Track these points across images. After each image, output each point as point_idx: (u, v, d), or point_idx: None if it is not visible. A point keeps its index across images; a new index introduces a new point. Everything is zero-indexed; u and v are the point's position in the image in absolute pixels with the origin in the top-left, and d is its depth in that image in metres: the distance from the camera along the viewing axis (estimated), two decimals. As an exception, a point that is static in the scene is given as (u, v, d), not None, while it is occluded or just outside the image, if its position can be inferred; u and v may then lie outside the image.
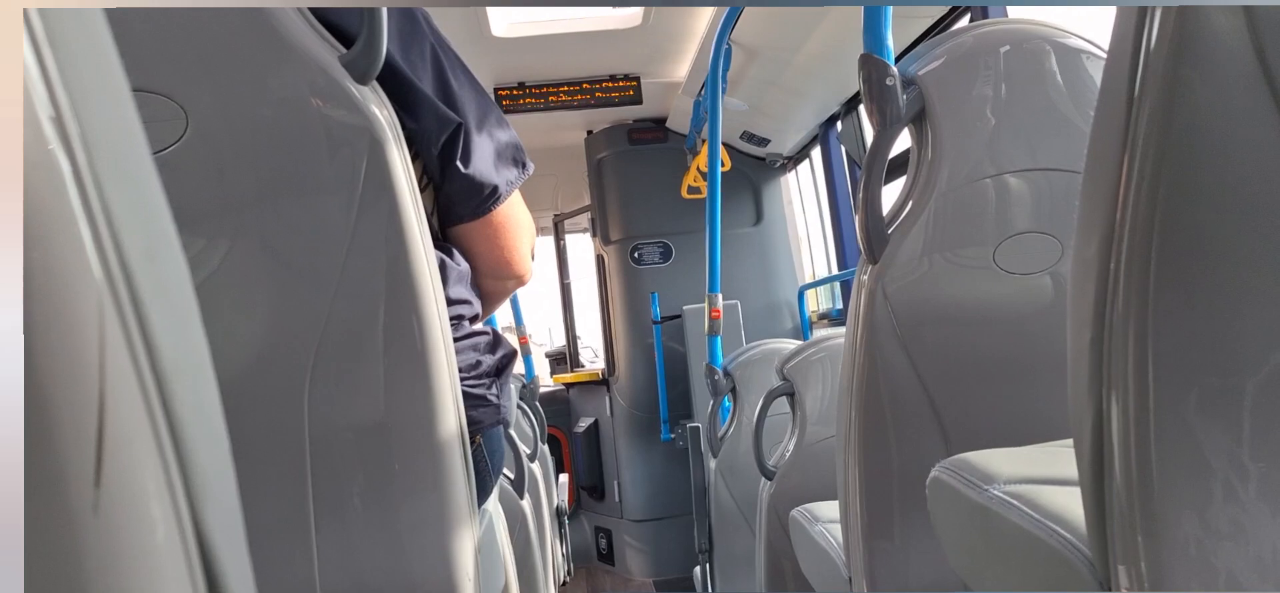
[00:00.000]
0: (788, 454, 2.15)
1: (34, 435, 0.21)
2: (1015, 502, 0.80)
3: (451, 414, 0.93)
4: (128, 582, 0.23)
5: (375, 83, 0.89)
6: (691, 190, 4.40)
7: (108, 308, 0.23)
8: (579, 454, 5.01)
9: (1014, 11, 1.96)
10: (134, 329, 0.24)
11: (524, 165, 1.13)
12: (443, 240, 1.10)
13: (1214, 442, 0.59)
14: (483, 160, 1.05)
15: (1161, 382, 0.59)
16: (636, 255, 4.69)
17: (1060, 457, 0.88)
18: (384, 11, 0.88)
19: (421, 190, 1.02)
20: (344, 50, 0.87)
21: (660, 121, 4.62)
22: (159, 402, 0.25)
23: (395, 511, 0.91)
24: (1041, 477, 0.83)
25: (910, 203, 1.25)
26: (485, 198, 1.07)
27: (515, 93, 4.01)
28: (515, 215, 1.15)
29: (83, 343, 0.22)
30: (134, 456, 0.24)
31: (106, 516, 0.22)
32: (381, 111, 0.88)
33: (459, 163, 1.03)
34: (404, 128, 0.94)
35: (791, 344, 2.41)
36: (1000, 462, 0.88)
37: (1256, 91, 0.55)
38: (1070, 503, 0.74)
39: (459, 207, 1.08)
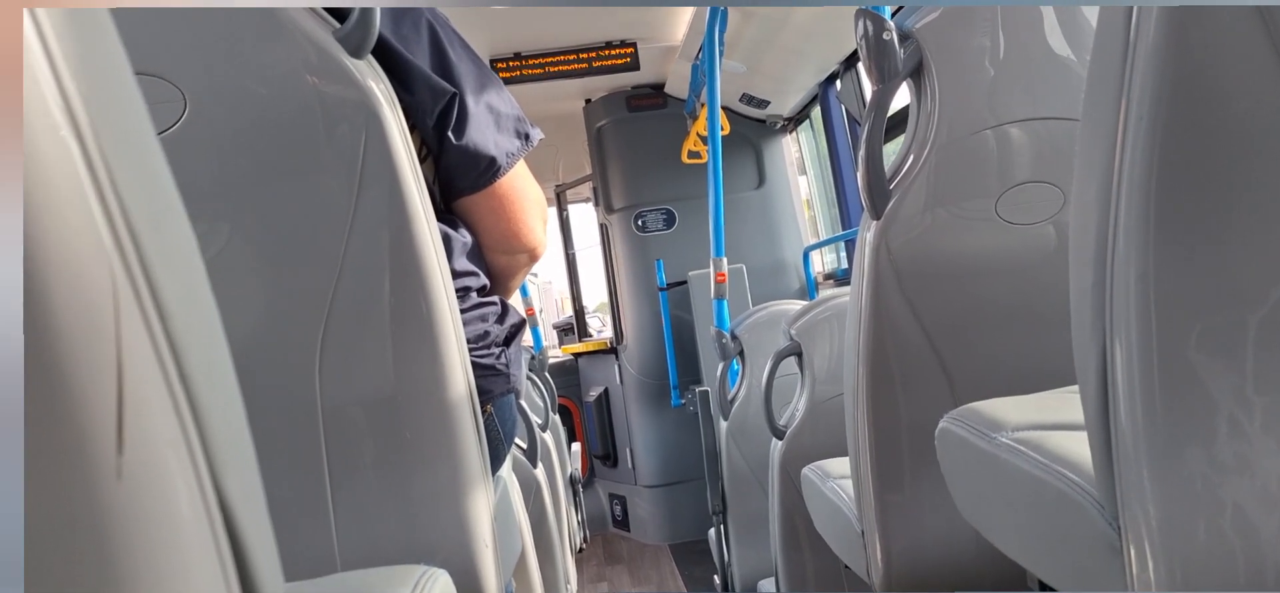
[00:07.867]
0: (797, 414, 2.16)
1: (57, 405, 0.22)
2: (1023, 448, 0.81)
3: (461, 385, 0.94)
4: (155, 545, 0.24)
5: (371, 57, 0.89)
6: (692, 155, 4.38)
7: (119, 276, 0.23)
8: (590, 423, 5.04)
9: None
10: (145, 295, 0.25)
11: (527, 137, 1.12)
12: (447, 213, 1.10)
13: (1218, 378, 0.60)
14: (479, 131, 1.05)
15: (1164, 322, 0.60)
16: (640, 223, 4.69)
17: (1067, 403, 0.89)
18: None
19: (421, 162, 1.02)
20: (338, 26, 0.87)
21: (658, 87, 4.59)
22: (174, 367, 0.25)
23: (410, 481, 0.92)
24: (1048, 423, 0.84)
25: (911, 158, 1.25)
26: (483, 170, 1.07)
27: (512, 63, 3.98)
28: (520, 187, 1.13)
29: (98, 311, 0.23)
30: (153, 421, 0.24)
31: (130, 481, 0.23)
32: (378, 85, 0.88)
33: (451, 134, 1.03)
34: (399, 100, 0.94)
35: (797, 305, 2.40)
36: (1007, 410, 0.89)
37: (1251, 30, 0.55)
38: (1078, 447, 0.75)
39: (458, 179, 1.07)
